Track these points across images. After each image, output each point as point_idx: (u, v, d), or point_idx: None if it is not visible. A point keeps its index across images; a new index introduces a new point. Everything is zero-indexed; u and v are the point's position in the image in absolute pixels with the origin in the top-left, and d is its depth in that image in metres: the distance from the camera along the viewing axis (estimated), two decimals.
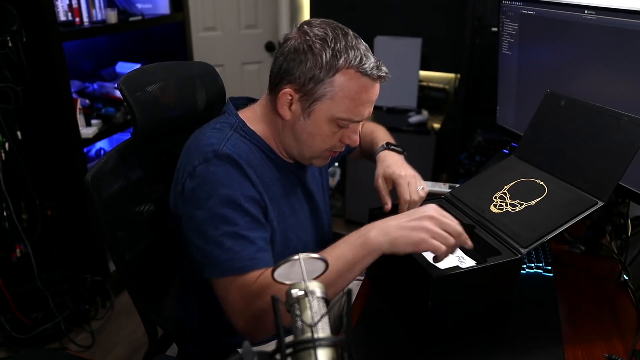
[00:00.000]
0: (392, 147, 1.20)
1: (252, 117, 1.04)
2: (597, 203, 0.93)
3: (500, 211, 1.01)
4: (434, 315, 0.88)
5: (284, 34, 0.98)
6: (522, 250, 0.91)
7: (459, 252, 0.99)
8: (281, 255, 1.02)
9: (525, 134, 1.16)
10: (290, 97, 0.96)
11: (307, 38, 0.93)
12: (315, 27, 0.95)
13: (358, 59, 0.92)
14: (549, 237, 0.92)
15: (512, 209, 1.01)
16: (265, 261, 0.92)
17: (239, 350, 0.86)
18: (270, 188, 1.00)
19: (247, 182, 0.94)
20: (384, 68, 0.96)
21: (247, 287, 0.90)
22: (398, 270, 0.98)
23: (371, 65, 0.93)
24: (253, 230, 0.92)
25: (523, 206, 1.00)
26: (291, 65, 0.94)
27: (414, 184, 1.07)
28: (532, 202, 1.00)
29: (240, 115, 1.04)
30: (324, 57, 0.92)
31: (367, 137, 1.29)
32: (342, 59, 0.92)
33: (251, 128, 1.02)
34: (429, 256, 0.92)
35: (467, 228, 1.01)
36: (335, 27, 0.95)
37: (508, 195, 1.04)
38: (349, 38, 0.94)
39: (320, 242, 1.16)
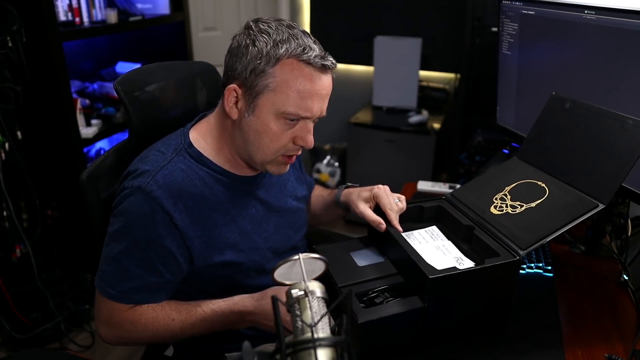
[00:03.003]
0: (349, 184, 1.19)
1: (205, 130, 1.01)
2: (597, 205, 0.93)
3: (500, 212, 1.01)
4: (430, 316, 0.87)
5: (233, 35, 0.96)
6: (521, 252, 0.91)
7: (457, 253, 0.99)
8: (235, 282, 1.02)
9: (528, 135, 1.15)
10: (235, 94, 0.93)
11: (250, 32, 0.92)
12: (260, 23, 0.92)
13: (300, 48, 0.89)
14: (548, 239, 0.92)
15: (512, 211, 1.00)
16: (138, 300, 0.94)
17: (227, 355, 0.86)
18: (208, 217, 0.96)
19: (160, 226, 0.91)
20: (330, 58, 0.92)
21: (113, 313, 0.95)
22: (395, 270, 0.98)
23: (315, 54, 0.89)
24: (141, 269, 0.93)
25: (523, 208, 1.00)
26: (234, 60, 0.92)
27: (391, 195, 1.06)
28: (533, 204, 1.00)
29: (194, 130, 1.01)
30: (265, 47, 0.89)
31: (317, 197, 1.28)
32: (283, 48, 0.88)
33: (198, 149, 0.98)
34: (427, 256, 0.92)
35: (466, 229, 1.01)
36: (281, 22, 0.93)
37: (509, 197, 1.04)
38: (295, 31, 0.91)
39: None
